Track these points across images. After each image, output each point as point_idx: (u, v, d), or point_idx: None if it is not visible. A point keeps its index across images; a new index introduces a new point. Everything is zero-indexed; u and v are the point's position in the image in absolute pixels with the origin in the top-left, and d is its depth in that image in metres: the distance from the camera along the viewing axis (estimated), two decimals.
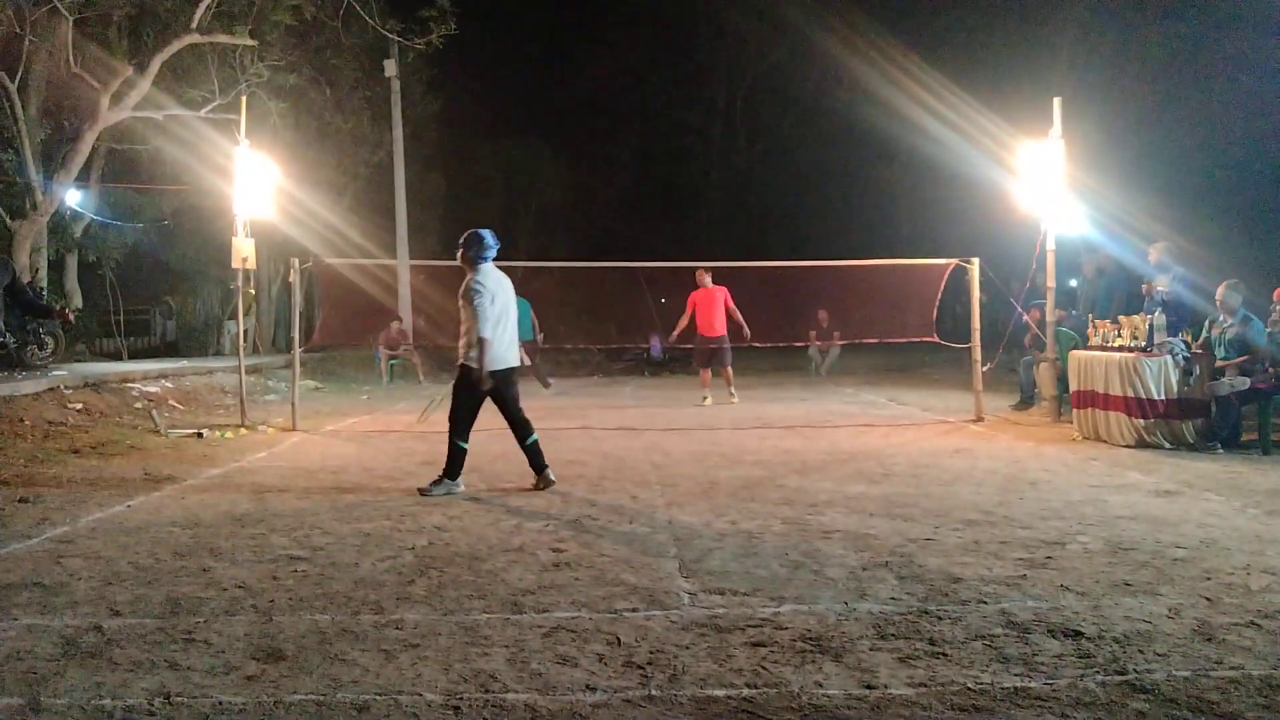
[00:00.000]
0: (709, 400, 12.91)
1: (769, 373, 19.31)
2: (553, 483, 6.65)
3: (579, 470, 7.47)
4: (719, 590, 4.14)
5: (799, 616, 3.78)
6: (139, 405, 10.92)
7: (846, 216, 27.87)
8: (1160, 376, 8.21)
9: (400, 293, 19.59)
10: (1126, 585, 4.16)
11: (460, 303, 6.53)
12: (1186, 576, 4.28)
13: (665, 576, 4.39)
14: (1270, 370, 8.10)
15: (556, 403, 13.63)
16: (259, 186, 10.67)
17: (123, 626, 3.74)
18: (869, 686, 3.09)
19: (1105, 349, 8.93)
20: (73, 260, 17.62)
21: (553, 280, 22.96)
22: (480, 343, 6.33)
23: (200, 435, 9.53)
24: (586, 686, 3.12)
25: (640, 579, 4.34)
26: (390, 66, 19.18)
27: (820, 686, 3.10)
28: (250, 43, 14.24)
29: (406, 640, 3.56)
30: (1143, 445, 8.20)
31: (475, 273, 6.47)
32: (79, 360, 14.67)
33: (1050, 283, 10.32)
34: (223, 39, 14.05)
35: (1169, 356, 8.24)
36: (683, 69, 31.52)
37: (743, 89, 31.76)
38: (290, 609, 3.94)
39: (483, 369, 6.34)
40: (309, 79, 17.81)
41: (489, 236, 6.56)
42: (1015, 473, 7.14)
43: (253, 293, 11.49)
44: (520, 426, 6.69)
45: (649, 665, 3.29)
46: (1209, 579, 4.23)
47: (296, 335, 10.84)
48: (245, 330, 12.39)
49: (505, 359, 6.55)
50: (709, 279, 12.80)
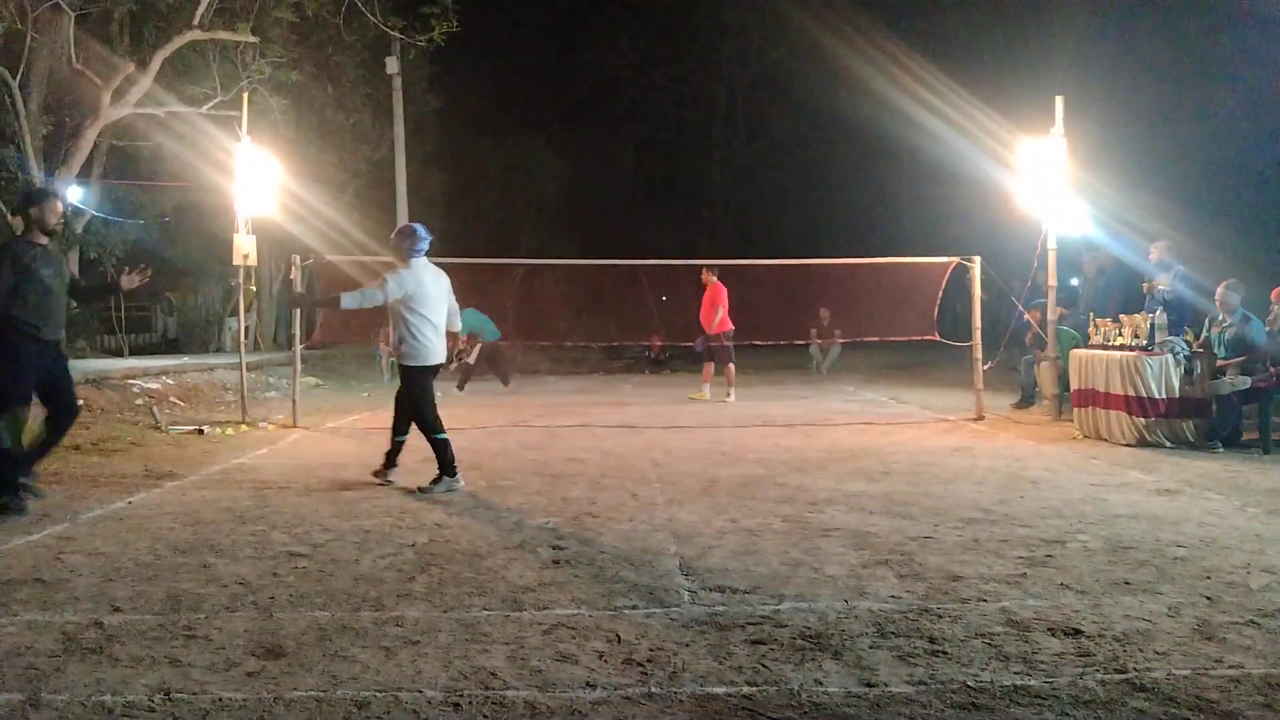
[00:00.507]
0: (731, 396, 13.10)
1: (770, 370, 19.32)
2: (391, 483, 6.66)
3: (579, 468, 7.47)
4: (719, 588, 4.15)
5: (799, 614, 3.79)
6: (140, 402, 10.93)
7: (848, 214, 27.86)
8: (1161, 375, 8.21)
9: None
10: (1126, 584, 4.16)
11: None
12: (1186, 575, 4.28)
13: (665, 574, 4.39)
14: (1271, 369, 8.10)
15: (557, 401, 13.64)
16: (260, 183, 10.68)
17: (123, 623, 3.74)
18: (869, 684, 3.10)
19: (1106, 348, 8.93)
20: (74, 257, 17.58)
21: (553, 277, 22.95)
22: (333, 301, 6.67)
23: (201, 432, 9.54)
24: (586, 684, 3.12)
25: (640, 576, 4.34)
26: (392, 63, 19.18)
27: (820, 684, 3.10)
28: (252, 39, 14.23)
29: (407, 637, 3.56)
30: (1143, 444, 8.20)
31: (405, 267, 6.53)
32: (80, 357, 14.67)
33: (1051, 281, 10.32)
34: (224, 36, 14.03)
35: (1170, 355, 8.24)
36: (684, 66, 31.50)
37: (744, 87, 31.76)
38: (291, 605, 3.94)
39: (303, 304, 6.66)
40: (310, 76, 17.80)
41: (421, 230, 6.64)
42: (1015, 471, 7.14)
43: (254, 290, 11.48)
44: (405, 422, 6.72)
45: (649, 663, 3.29)
46: (1209, 578, 4.24)
47: (297, 332, 10.84)
48: (246, 327, 12.40)
49: (436, 354, 6.60)
50: (712, 276, 12.92)
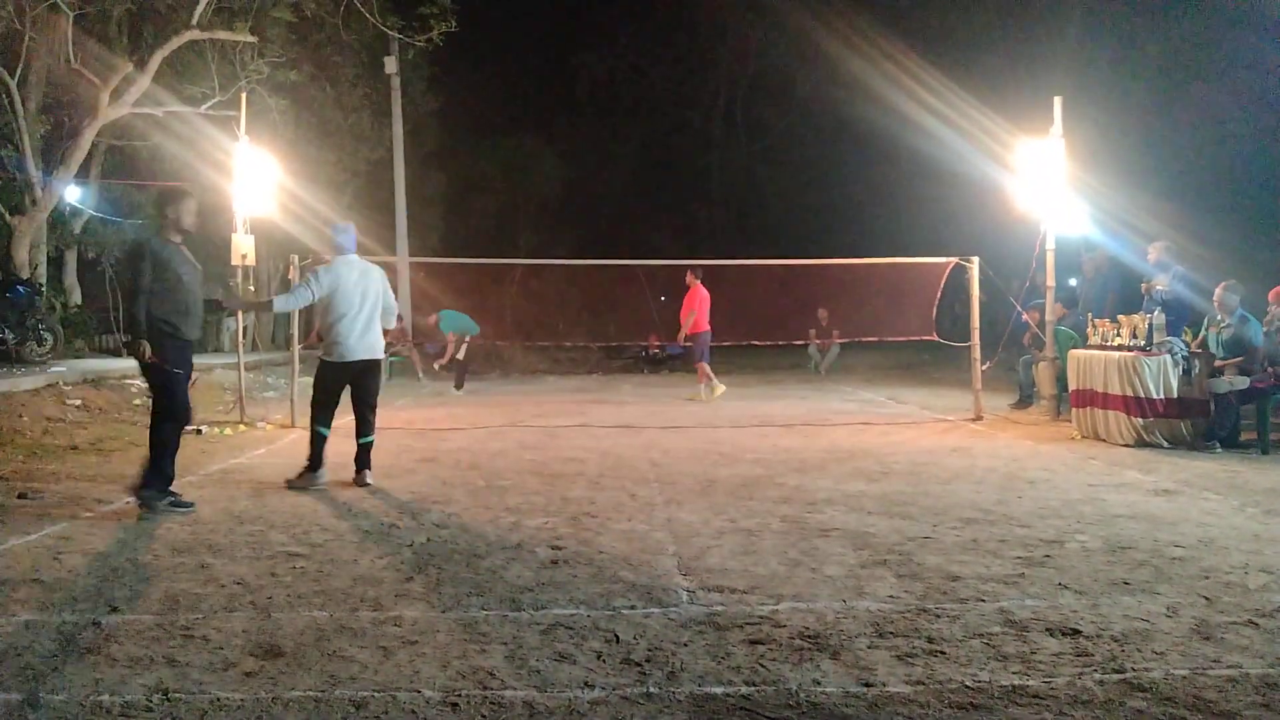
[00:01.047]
0: (703, 395, 13.26)
1: (768, 371, 19.32)
2: (368, 484, 6.63)
3: (578, 468, 7.47)
4: (717, 588, 4.15)
5: (797, 614, 3.79)
6: (138, 402, 10.91)
7: (846, 214, 27.83)
8: (1159, 376, 8.22)
9: (400, 290, 19.59)
10: (1125, 584, 4.16)
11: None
12: (1185, 575, 4.28)
13: (664, 574, 4.39)
14: (1268, 370, 8.11)
15: (556, 400, 13.64)
16: (259, 183, 10.67)
17: (121, 623, 3.74)
18: (867, 684, 3.10)
19: (1104, 348, 8.93)
20: (72, 256, 17.61)
21: (552, 277, 22.95)
22: (265, 305, 6.82)
23: (199, 432, 9.52)
24: (584, 684, 3.12)
25: (639, 576, 4.34)
26: (390, 63, 19.16)
27: (818, 684, 3.10)
28: (250, 39, 14.22)
29: (405, 637, 3.56)
30: (1141, 444, 8.21)
31: (330, 262, 6.76)
32: (78, 356, 14.66)
33: (1050, 282, 10.33)
34: (223, 35, 14.03)
35: (1168, 356, 8.25)
36: (683, 66, 31.48)
37: (743, 87, 31.73)
38: (289, 606, 3.94)
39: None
40: (309, 76, 17.78)
41: (340, 226, 6.89)
42: (1014, 471, 7.14)
43: (252, 290, 11.44)
44: (363, 423, 6.74)
45: (647, 663, 3.29)
46: (1207, 578, 4.24)
47: (295, 332, 10.83)
48: (244, 327, 12.38)
49: (355, 350, 6.63)
50: (695, 278, 13.12)
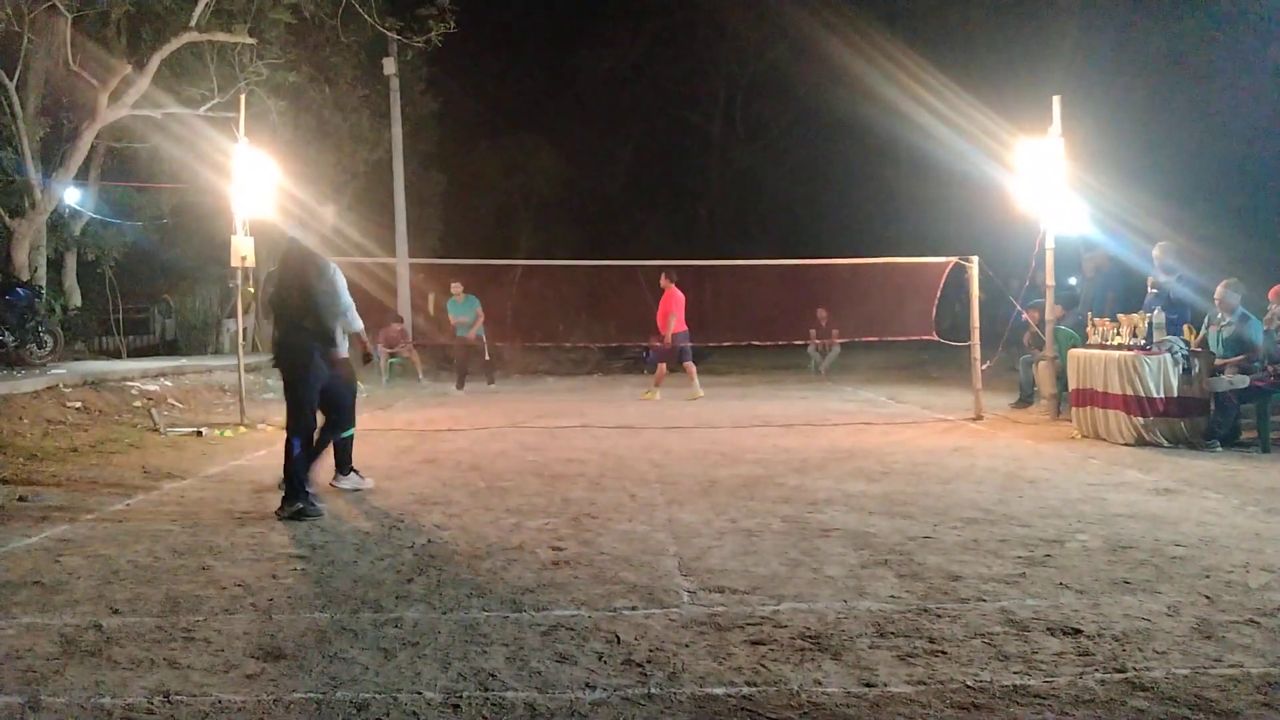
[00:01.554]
0: (656, 395, 13.53)
1: (768, 371, 19.33)
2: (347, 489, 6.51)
3: (578, 469, 7.47)
4: (718, 588, 4.14)
5: (798, 614, 3.79)
6: (138, 404, 10.91)
7: (846, 214, 27.83)
8: (1159, 375, 8.21)
9: (400, 291, 19.58)
10: (1126, 583, 4.16)
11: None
12: (1185, 574, 4.28)
13: (665, 575, 4.39)
14: (1268, 368, 8.11)
15: (556, 401, 13.63)
16: (258, 185, 10.66)
17: (122, 625, 3.73)
18: (868, 684, 3.10)
19: (1104, 347, 8.93)
20: (71, 259, 17.60)
21: (552, 277, 22.97)
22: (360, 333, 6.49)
23: (199, 434, 9.53)
24: (586, 685, 3.12)
25: (639, 577, 4.34)
26: (389, 64, 19.18)
27: (819, 684, 3.10)
28: (249, 41, 14.22)
29: (406, 639, 3.56)
30: (1142, 443, 8.20)
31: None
32: (78, 359, 14.66)
33: (1049, 281, 10.33)
34: (221, 37, 14.03)
35: (1168, 355, 8.24)
36: (682, 66, 31.46)
37: (742, 86, 31.72)
38: (289, 607, 3.94)
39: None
40: (308, 77, 17.77)
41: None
42: (1014, 471, 7.14)
43: (252, 291, 11.44)
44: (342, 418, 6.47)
45: (648, 663, 3.29)
46: (1208, 577, 4.24)
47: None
48: (244, 329, 12.37)
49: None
50: (669, 281, 13.29)
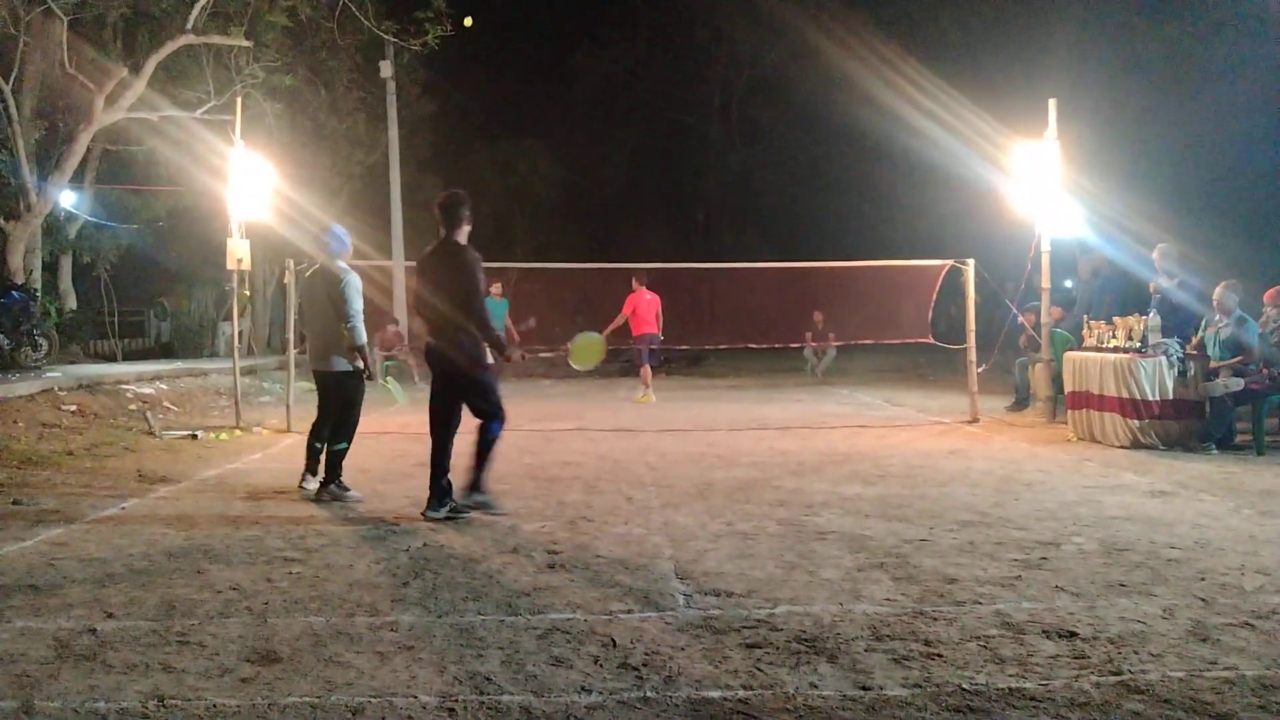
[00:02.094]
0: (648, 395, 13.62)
1: (764, 374, 19.33)
2: (310, 492, 6.53)
3: (574, 471, 7.46)
4: (714, 591, 4.14)
5: (794, 617, 3.79)
6: (133, 407, 10.90)
7: (842, 217, 27.85)
8: (1155, 377, 8.23)
9: (396, 295, 19.56)
10: (1121, 586, 4.17)
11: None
12: (1181, 577, 4.29)
13: (660, 578, 4.38)
14: (1264, 371, 8.13)
15: (552, 404, 13.62)
16: (254, 188, 10.66)
17: (117, 629, 3.73)
18: (864, 687, 3.10)
19: (1100, 350, 8.94)
20: (67, 261, 17.59)
21: (548, 281, 22.91)
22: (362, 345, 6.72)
23: (195, 437, 9.51)
24: (581, 688, 3.12)
25: (635, 580, 4.34)
26: (386, 68, 19.16)
27: (815, 687, 3.10)
28: (245, 44, 14.22)
29: (401, 642, 3.55)
30: (1137, 446, 8.22)
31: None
32: (73, 362, 14.63)
33: (1045, 284, 10.35)
34: (218, 40, 14.03)
35: (1163, 358, 8.26)
36: (679, 70, 31.51)
37: (739, 90, 31.76)
38: (285, 611, 3.93)
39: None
40: (304, 80, 17.78)
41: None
42: (1010, 474, 7.15)
43: (248, 294, 11.44)
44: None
45: (644, 667, 3.29)
46: (1203, 580, 4.24)
47: (291, 337, 10.82)
48: (240, 332, 12.38)
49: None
50: (638, 284, 13.46)
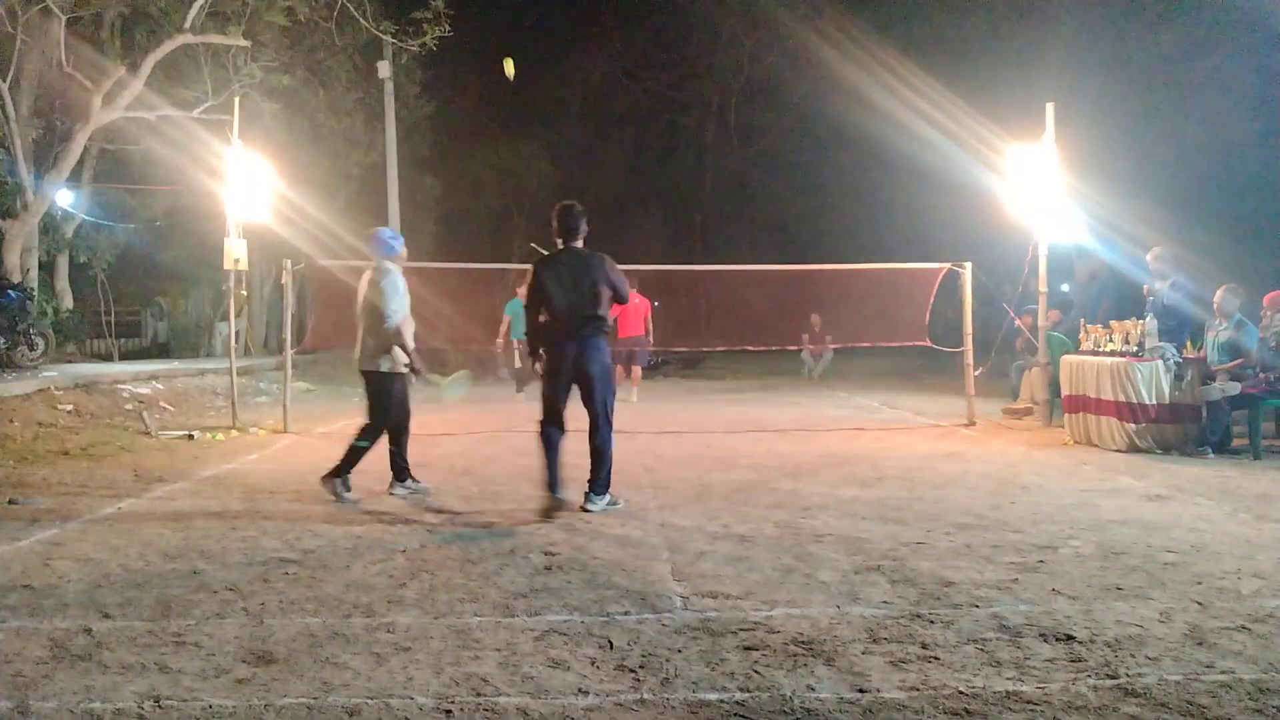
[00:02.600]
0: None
1: (762, 376, 19.34)
2: (404, 495, 6.53)
3: (571, 473, 7.43)
4: (711, 593, 4.14)
5: (791, 620, 3.78)
6: (130, 407, 10.87)
7: (839, 220, 27.87)
8: (1151, 381, 8.24)
9: None
10: (1118, 589, 4.17)
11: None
12: (1178, 581, 4.29)
13: (658, 580, 4.38)
14: (1261, 375, 8.14)
15: None
16: (252, 188, 10.65)
17: (112, 629, 3.72)
18: (861, 690, 3.10)
19: (1097, 354, 8.96)
20: (64, 261, 17.56)
21: None
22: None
23: (191, 437, 9.50)
24: (579, 690, 3.11)
25: (633, 582, 4.34)
26: (384, 68, 19.17)
27: (812, 690, 3.10)
28: (243, 43, 14.21)
29: (398, 643, 3.55)
30: (1134, 450, 8.23)
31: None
32: (69, 361, 14.61)
33: (1042, 287, 10.36)
34: (216, 39, 14.02)
35: (1160, 361, 8.27)
36: (677, 71, 31.52)
37: (736, 92, 31.77)
38: (281, 612, 3.92)
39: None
40: (302, 80, 17.77)
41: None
42: (1007, 477, 7.15)
43: (245, 294, 11.45)
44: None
45: (641, 669, 3.29)
46: (1200, 583, 4.25)
47: (288, 337, 10.81)
48: (237, 332, 12.35)
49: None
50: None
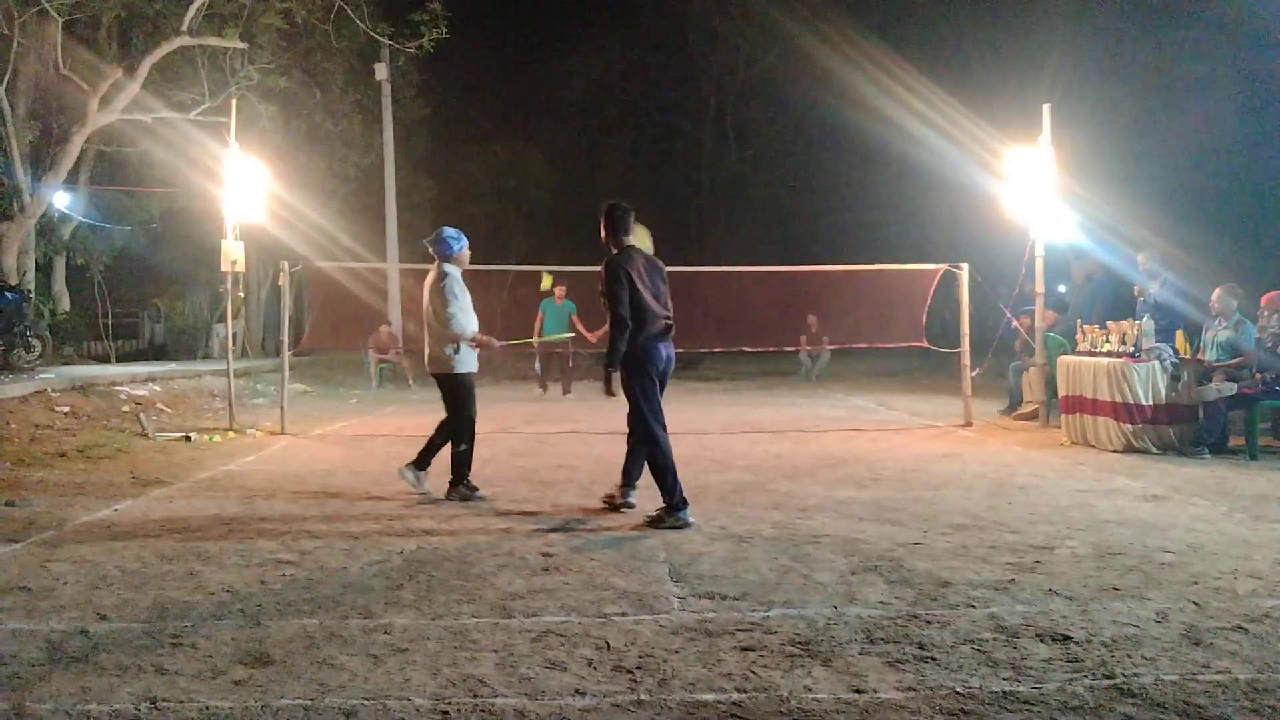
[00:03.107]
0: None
1: (758, 377, 19.36)
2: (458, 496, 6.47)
3: (569, 474, 7.46)
4: (708, 594, 4.14)
5: (788, 621, 3.79)
6: (127, 409, 10.86)
7: (837, 221, 27.91)
8: (1148, 382, 8.25)
9: (390, 296, 19.56)
10: (1114, 589, 4.17)
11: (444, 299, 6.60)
12: (1174, 581, 4.30)
13: (655, 581, 4.38)
14: (1257, 376, 8.16)
15: (546, 407, 13.61)
16: (248, 190, 10.65)
17: (109, 631, 3.71)
18: (858, 690, 3.10)
19: (1094, 354, 8.97)
20: (61, 263, 17.55)
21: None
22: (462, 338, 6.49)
23: (188, 439, 9.49)
24: (575, 691, 3.11)
25: (630, 583, 4.34)
26: (381, 70, 19.19)
27: (809, 691, 3.10)
28: (240, 45, 14.22)
29: (395, 645, 3.55)
30: (1130, 450, 8.24)
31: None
32: (66, 363, 14.59)
33: (1039, 288, 10.37)
34: (213, 42, 14.02)
35: (1156, 362, 8.29)
36: (674, 73, 31.55)
37: (733, 93, 31.80)
38: (278, 613, 3.92)
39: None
40: (299, 82, 17.78)
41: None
42: (1004, 477, 7.16)
43: (242, 296, 11.44)
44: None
45: (638, 670, 3.29)
46: (1196, 583, 4.25)
47: (286, 339, 10.81)
48: (234, 334, 12.35)
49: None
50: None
